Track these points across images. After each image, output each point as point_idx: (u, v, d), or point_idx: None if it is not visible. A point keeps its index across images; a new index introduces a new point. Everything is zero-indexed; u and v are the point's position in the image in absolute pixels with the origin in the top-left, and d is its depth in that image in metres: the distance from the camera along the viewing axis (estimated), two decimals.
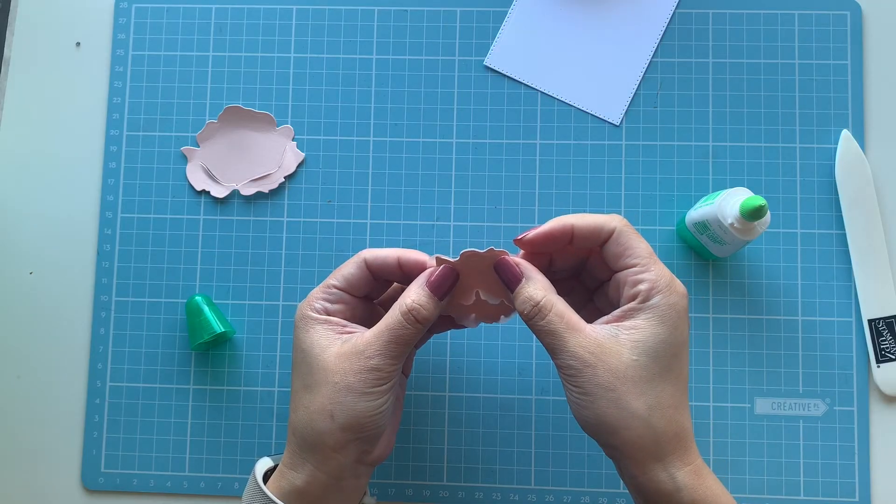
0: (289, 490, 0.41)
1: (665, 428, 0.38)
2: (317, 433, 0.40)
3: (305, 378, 0.41)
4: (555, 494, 0.52)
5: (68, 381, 0.54)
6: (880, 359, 0.51)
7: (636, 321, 0.39)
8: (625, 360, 0.38)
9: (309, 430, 0.41)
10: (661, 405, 0.38)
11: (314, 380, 0.41)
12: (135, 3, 0.57)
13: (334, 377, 0.40)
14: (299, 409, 0.41)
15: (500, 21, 0.56)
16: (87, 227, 0.55)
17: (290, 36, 0.56)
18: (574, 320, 0.39)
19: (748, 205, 0.44)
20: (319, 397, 0.40)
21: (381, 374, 0.40)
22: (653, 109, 0.55)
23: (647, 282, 0.39)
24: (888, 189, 0.53)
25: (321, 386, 0.40)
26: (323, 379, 0.40)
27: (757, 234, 0.46)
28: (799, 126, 0.54)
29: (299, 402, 0.41)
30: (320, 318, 0.42)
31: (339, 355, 0.41)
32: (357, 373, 0.40)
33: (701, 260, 0.53)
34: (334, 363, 0.40)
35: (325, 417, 0.40)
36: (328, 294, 0.43)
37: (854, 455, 0.51)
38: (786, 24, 0.55)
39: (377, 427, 0.41)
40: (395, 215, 0.54)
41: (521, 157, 0.55)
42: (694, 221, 0.49)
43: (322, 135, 0.55)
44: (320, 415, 0.40)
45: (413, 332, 0.41)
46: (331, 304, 0.43)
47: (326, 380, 0.40)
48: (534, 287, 0.40)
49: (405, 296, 0.41)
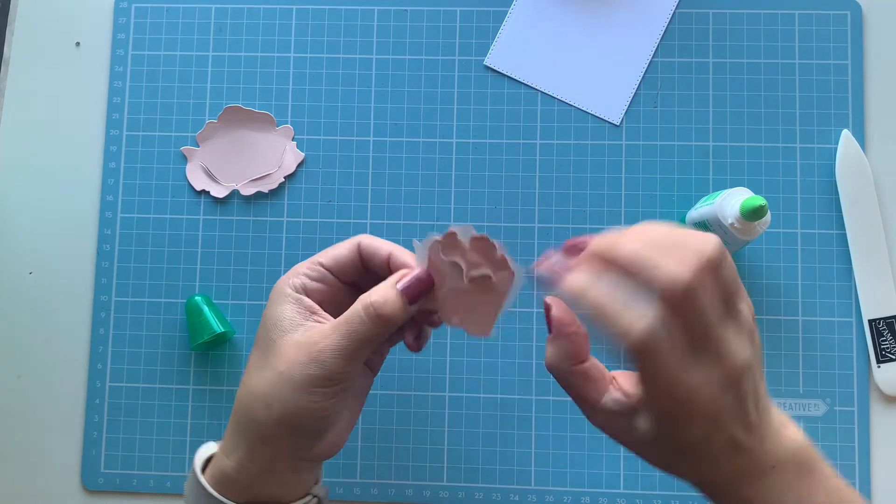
0: (220, 478, 0.38)
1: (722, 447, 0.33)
2: (251, 419, 0.38)
3: (259, 357, 0.39)
4: (555, 494, 0.52)
5: (68, 381, 0.54)
6: (880, 359, 0.51)
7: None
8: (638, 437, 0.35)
9: (244, 414, 0.38)
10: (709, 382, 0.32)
11: (266, 362, 0.38)
12: (135, 3, 0.57)
13: (281, 365, 0.37)
14: (243, 387, 0.39)
15: (500, 21, 0.56)
16: (86, 227, 0.55)
17: (290, 36, 0.56)
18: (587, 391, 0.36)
19: (748, 205, 0.44)
20: (263, 382, 0.37)
21: (330, 375, 0.37)
22: (653, 109, 0.55)
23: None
24: (888, 189, 0.53)
25: (268, 371, 0.37)
26: (272, 364, 0.37)
27: (757, 234, 0.46)
28: (799, 126, 0.54)
29: (248, 379, 0.39)
30: (293, 297, 0.39)
31: (294, 344, 0.37)
32: (304, 367, 0.36)
33: None
34: (287, 351, 0.37)
35: (262, 406, 0.37)
36: (312, 270, 0.40)
37: (854, 455, 0.51)
38: (786, 24, 0.55)
39: (318, 427, 0.38)
40: (395, 215, 0.54)
41: (521, 157, 0.55)
42: (694, 221, 0.49)
43: (322, 135, 0.55)
44: (258, 402, 0.37)
45: (373, 331, 0.37)
46: (311, 280, 0.40)
47: (275, 366, 0.37)
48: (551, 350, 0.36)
49: (372, 291, 0.38)
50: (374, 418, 0.53)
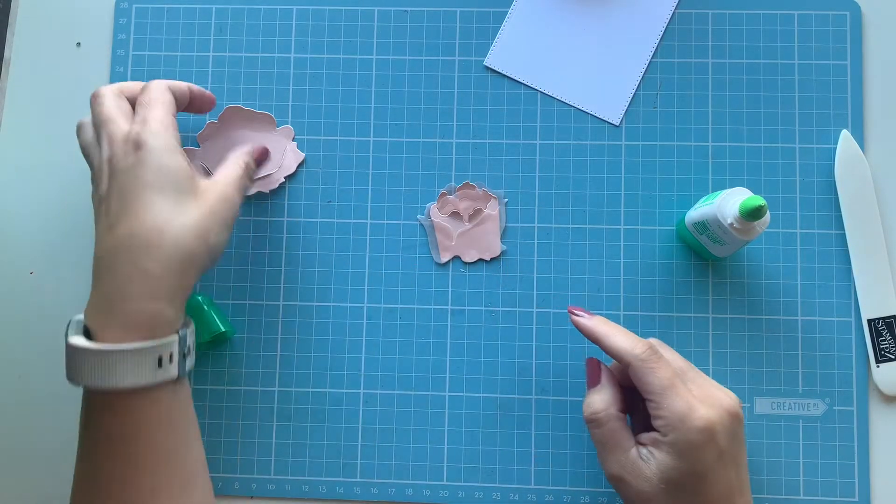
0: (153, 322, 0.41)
1: None
2: (191, 254, 0.42)
3: (175, 199, 0.42)
4: (554, 494, 0.52)
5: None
6: (880, 359, 0.51)
7: (661, 452, 0.42)
8: (654, 486, 0.41)
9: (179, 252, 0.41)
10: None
11: (186, 202, 0.42)
12: (135, 4, 0.57)
13: (210, 204, 0.43)
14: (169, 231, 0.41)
15: (500, 21, 0.56)
16: (87, 227, 0.55)
17: (290, 36, 0.56)
18: (621, 439, 0.43)
19: (748, 205, 0.44)
20: (194, 218, 0.42)
21: (236, 215, 0.46)
22: (653, 110, 0.55)
23: (660, 419, 0.42)
24: (888, 189, 0.53)
25: (195, 207, 0.43)
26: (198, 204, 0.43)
27: (756, 234, 0.46)
28: (798, 126, 0.54)
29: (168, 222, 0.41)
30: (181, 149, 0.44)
31: (207, 188, 0.44)
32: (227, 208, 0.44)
33: (701, 260, 0.53)
34: (209, 194, 0.44)
35: (201, 241, 0.42)
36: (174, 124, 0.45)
37: (854, 455, 0.51)
38: (785, 25, 0.55)
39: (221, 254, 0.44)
40: (395, 215, 0.54)
41: (521, 157, 0.55)
42: (693, 221, 0.49)
43: (322, 135, 0.55)
44: (197, 236, 0.42)
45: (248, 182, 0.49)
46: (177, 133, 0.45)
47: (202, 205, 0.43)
48: (599, 398, 0.45)
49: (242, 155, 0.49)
50: (374, 418, 0.53)
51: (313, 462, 0.53)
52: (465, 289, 0.54)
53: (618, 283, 0.53)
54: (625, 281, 0.53)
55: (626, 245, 0.54)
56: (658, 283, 0.53)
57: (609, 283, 0.53)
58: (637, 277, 0.53)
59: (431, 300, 0.53)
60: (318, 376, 0.53)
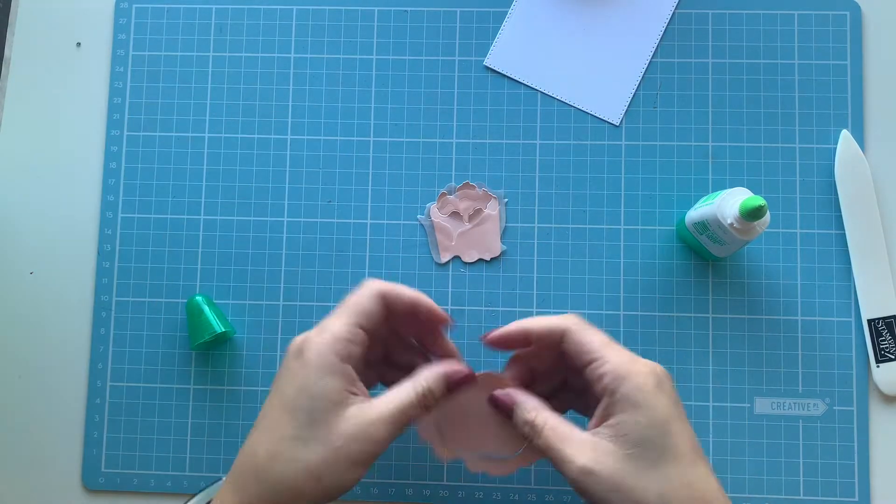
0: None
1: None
2: (295, 492, 0.39)
3: (303, 428, 0.39)
4: (554, 494, 0.52)
5: (69, 380, 0.54)
6: (880, 359, 0.51)
7: (616, 416, 0.39)
8: (620, 457, 0.38)
9: (283, 486, 0.39)
10: (671, 488, 0.38)
11: (311, 434, 0.39)
12: (135, 4, 0.57)
13: (338, 441, 0.39)
14: (279, 460, 0.39)
15: (500, 21, 0.56)
16: (87, 227, 0.55)
17: (290, 36, 0.56)
18: (566, 431, 0.40)
19: (748, 205, 0.44)
20: (313, 456, 0.39)
21: (380, 451, 0.39)
22: (653, 110, 0.55)
23: (607, 373, 0.40)
24: (888, 189, 0.53)
25: (318, 445, 0.39)
26: (322, 438, 0.39)
27: (756, 234, 0.46)
28: (798, 126, 0.54)
29: (286, 452, 0.39)
30: (341, 369, 0.40)
31: (347, 419, 0.39)
32: (361, 444, 0.39)
33: (701, 260, 0.53)
34: (342, 426, 0.39)
35: (311, 480, 0.38)
36: (352, 335, 0.41)
37: (854, 455, 0.51)
38: (785, 25, 0.55)
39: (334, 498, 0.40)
40: (395, 215, 0.54)
41: (521, 157, 0.55)
42: (693, 221, 0.50)
43: (322, 135, 0.55)
44: (307, 475, 0.38)
45: (419, 413, 0.41)
46: (354, 346, 0.41)
47: (327, 441, 0.39)
48: (523, 408, 0.42)
49: (422, 378, 0.42)
50: None
51: None
52: (465, 289, 0.54)
53: (618, 283, 0.53)
54: (625, 281, 0.53)
55: (626, 245, 0.54)
56: (658, 283, 0.53)
57: (609, 283, 0.53)
58: (637, 277, 0.53)
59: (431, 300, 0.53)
60: None
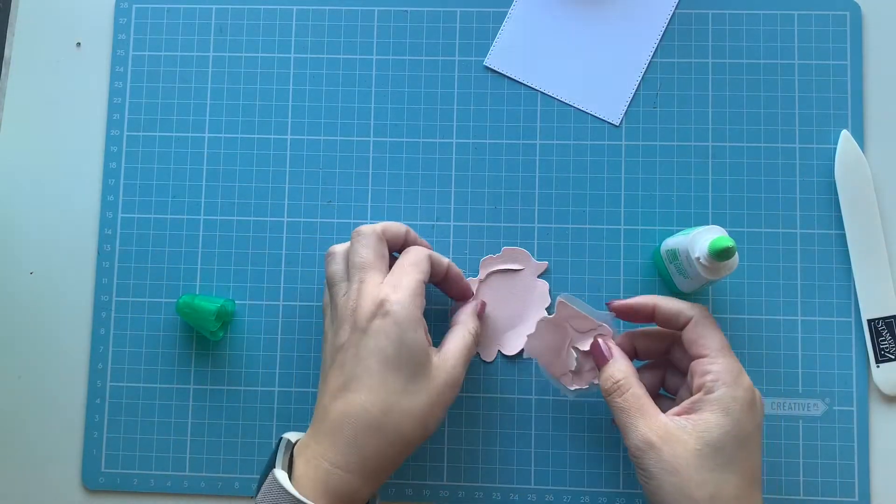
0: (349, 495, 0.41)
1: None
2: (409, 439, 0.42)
3: (408, 381, 0.42)
4: (554, 494, 0.52)
5: (69, 380, 0.54)
6: (880, 359, 0.51)
7: (702, 413, 0.41)
8: (689, 449, 0.40)
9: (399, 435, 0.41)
10: (723, 496, 0.39)
11: (417, 386, 0.42)
12: (135, 4, 0.57)
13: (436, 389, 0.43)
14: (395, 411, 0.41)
15: (500, 21, 0.56)
16: (87, 227, 0.55)
17: (290, 36, 0.56)
18: (647, 405, 0.42)
19: (717, 244, 0.43)
20: (421, 404, 0.42)
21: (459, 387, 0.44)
22: (653, 110, 0.55)
23: (712, 373, 0.42)
24: (888, 189, 0.53)
25: (424, 393, 0.42)
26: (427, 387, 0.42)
27: (721, 275, 0.45)
28: (798, 126, 0.54)
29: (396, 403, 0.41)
30: (422, 322, 0.44)
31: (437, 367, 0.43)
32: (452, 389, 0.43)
33: None
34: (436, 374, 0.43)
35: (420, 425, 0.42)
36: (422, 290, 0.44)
37: (854, 455, 0.51)
38: (785, 25, 0.55)
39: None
40: (395, 215, 0.54)
41: (521, 157, 0.55)
42: (667, 248, 0.49)
43: (322, 135, 0.55)
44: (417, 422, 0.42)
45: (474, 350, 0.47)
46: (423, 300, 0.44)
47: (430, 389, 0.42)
48: (617, 367, 0.44)
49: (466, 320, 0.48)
50: None
51: None
52: None
53: (618, 283, 0.53)
54: (625, 281, 0.53)
55: (626, 245, 0.54)
56: (658, 284, 0.53)
57: (609, 283, 0.53)
58: (637, 277, 0.53)
59: (431, 300, 0.53)
60: (318, 376, 0.53)
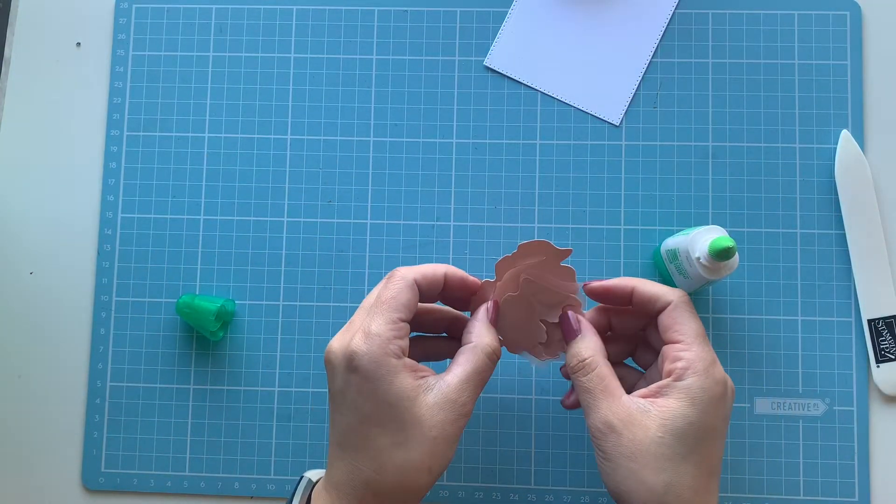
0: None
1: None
2: (414, 489, 0.39)
3: (395, 434, 0.39)
4: (554, 494, 0.52)
5: (69, 380, 0.54)
6: (880, 359, 0.51)
7: (668, 399, 0.39)
8: (650, 435, 0.38)
9: (401, 489, 0.39)
10: (679, 485, 0.38)
11: (406, 436, 0.39)
12: (135, 4, 0.57)
13: (432, 431, 0.39)
14: (389, 469, 0.39)
15: (500, 21, 0.56)
16: (87, 227, 0.55)
17: (290, 36, 0.56)
18: (612, 386, 0.40)
19: (717, 244, 0.43)
20: (416, 454, 0.39)
21: (470, 412, 0.40)
22: (653, 109, 0.55)
23: (684, 360, 0.40)
24: (888, 189, 0.53)
25: (417, 442, 0.39)
26: (419, 434, 0.39)
27: (721, 275, 0.45)
28: (799, 126, 0.54)
29: (388, 460, 0.39)
30: (402, 364, 0.39)
31: (431, 406, 0.39)
32: (454, 423, 0.39)
33: None
34: (429, 416, 0.39)
35: (423, 473, 0.39)
36: (398, 331, 0.40)
37: (854, 455, 0.51)
38: (786, 25, 0.55)
39: None
40: (395, 215, 0.54)
41: (521, 157, 0.55)
42: (667, 248, 0.49)
43: (322, 135, 0.55)
44: (418, 472, 0.39)
45: (491, 368, 0.42)
46: (402, 340, 0.40)
47: (423, 434, 0.39)
48: (585, 344, 0.42)
49: (479, 337, 0.42)
50: None
51: (313, 462, 0.53)
52: None
53: None
54: None
55: (626, 245, 0.54)
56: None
57: None
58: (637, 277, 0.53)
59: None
60: (318, 376, 0.53)
